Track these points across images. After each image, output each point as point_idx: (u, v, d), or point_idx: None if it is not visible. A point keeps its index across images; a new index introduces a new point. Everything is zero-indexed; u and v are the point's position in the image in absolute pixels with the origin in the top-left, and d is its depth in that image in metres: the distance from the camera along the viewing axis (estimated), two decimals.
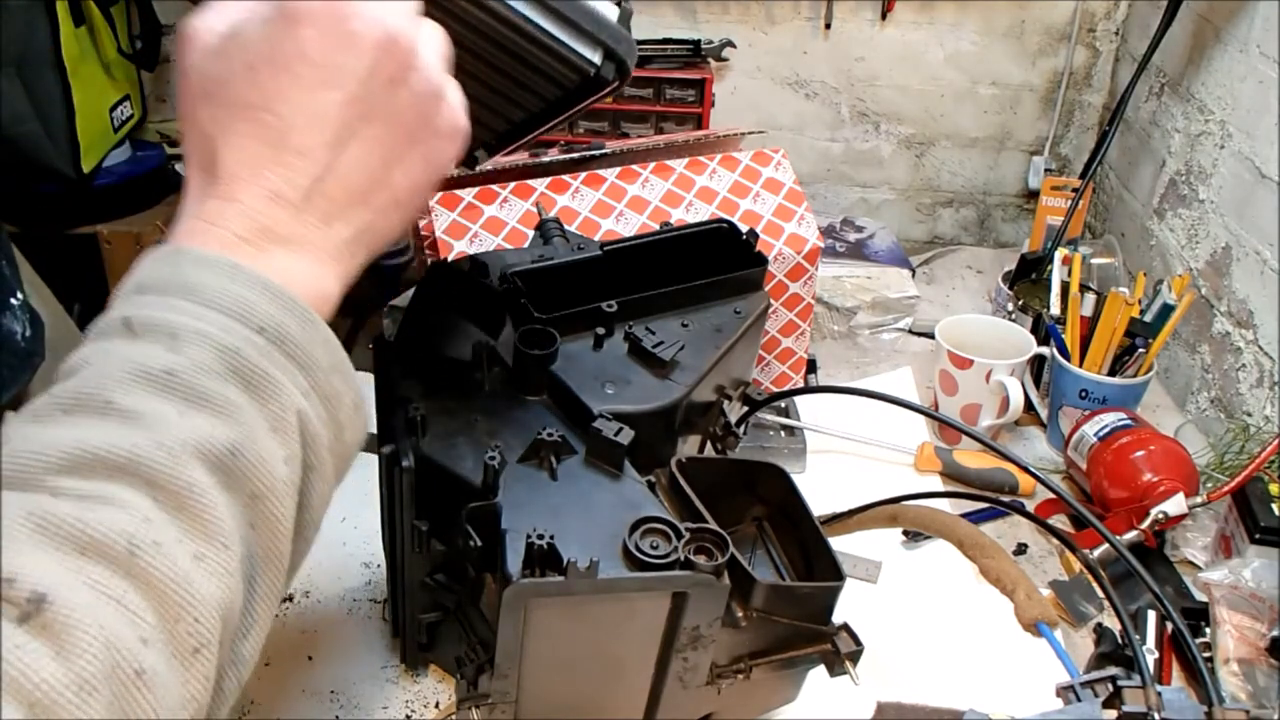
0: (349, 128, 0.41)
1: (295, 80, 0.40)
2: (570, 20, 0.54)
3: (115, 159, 1.55)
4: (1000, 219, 1.76)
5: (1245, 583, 0.85)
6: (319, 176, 0.41)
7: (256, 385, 0.37)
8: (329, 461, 0.41)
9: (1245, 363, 1.16)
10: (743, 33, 1.62)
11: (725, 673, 0.66)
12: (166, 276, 0.38)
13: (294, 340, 0.39)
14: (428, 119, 0.44)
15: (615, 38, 0.55)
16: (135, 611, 0.31)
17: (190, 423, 0.35)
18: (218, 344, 0.37)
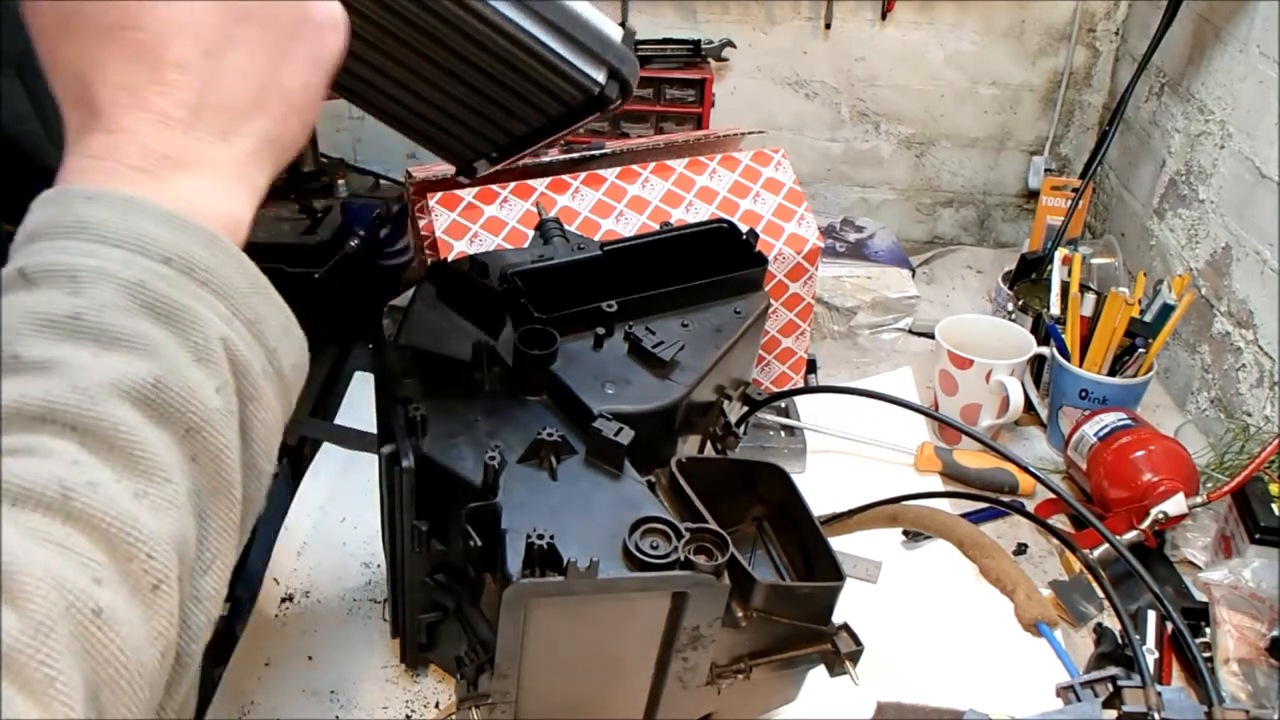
0: (225, 33, 0.40)
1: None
2: (576, 40, 0.54)
3: None
4: (1000, 219, 1.76)
5: (1245, 583, 0.85)
6: (204, 89, 0.39)
7: (171, 317, 0.36)
8: (265, 388, 0.40)
9: (1245, 363, 1.16)
10: (743, 33, 1.62)
11: (725, 673, 0.66)
12: (57, 219, 0.36)
13: (203, 267, 0.37)
14: (305, 13, 0.42)
15: (620, 57, 0.56)
16: (82, 553, 0.31)
17: (105, 362, 0.34)
18: (121, 280, 0.35)
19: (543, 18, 0.53)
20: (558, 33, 0.54)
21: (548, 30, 0.53)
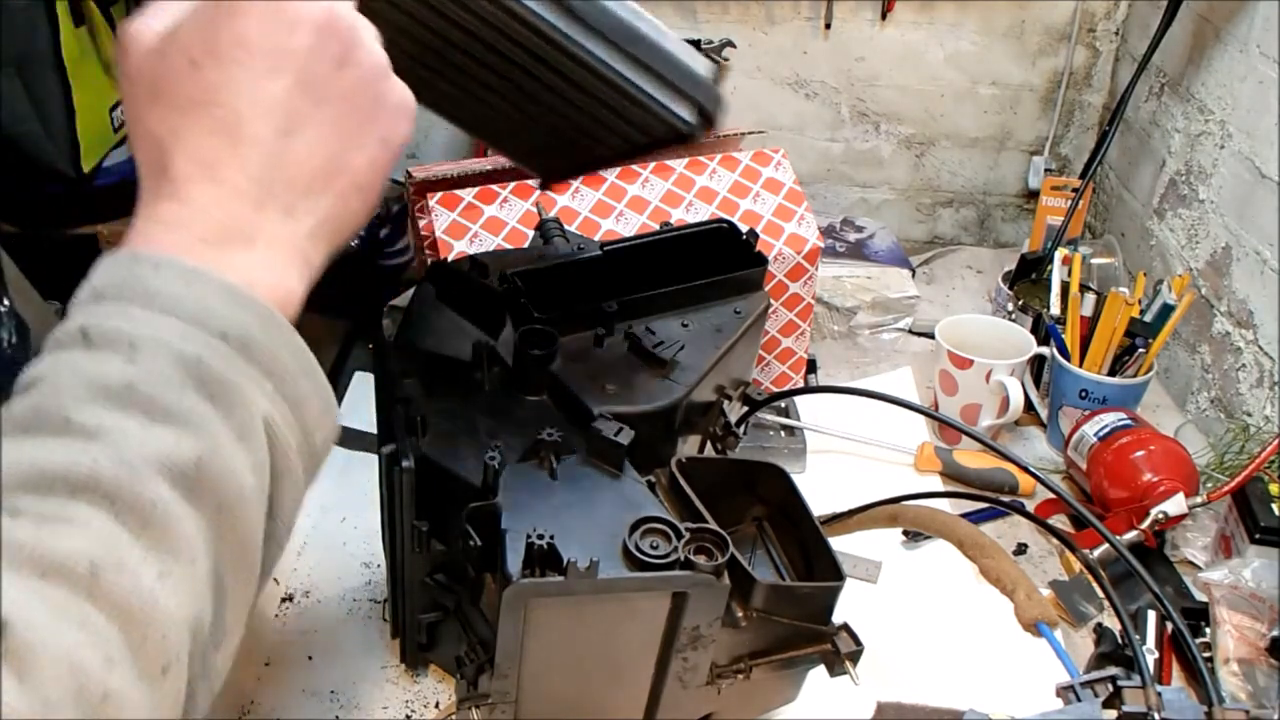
0: (300, 112, 0.41)
1: (239, 70, 0.39)
2: (666, 80, 0.54)
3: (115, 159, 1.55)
4: (1000, 219, 1.76)
5: (1245, 583, 0.85)
6: (275, 166, 0.40)
7: (220, 393, 0.37)
8: (298, 465, 0.41)
9: (1245, 363, 1.16)
10: (743, 33, 1.62)
11: (725, 673, 0.66)
12: (122, 282, 0.37)
13: (258, 344, 0.38)
14: (378, 97, 0.43)
15: (707, 95, 0.56)
16: (100, 633, 0.31)
17: (152, 436, 0.34)
18: (178, 353, 0.36)
19: (635, 59, 0.53)
20: (649, 73, 0.54)
21: (640, 71, 0.53)
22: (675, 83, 0.54)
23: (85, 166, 1.47)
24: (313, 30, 0.40)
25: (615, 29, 0.52)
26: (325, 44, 0.41)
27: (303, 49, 0.40)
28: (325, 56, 0.41)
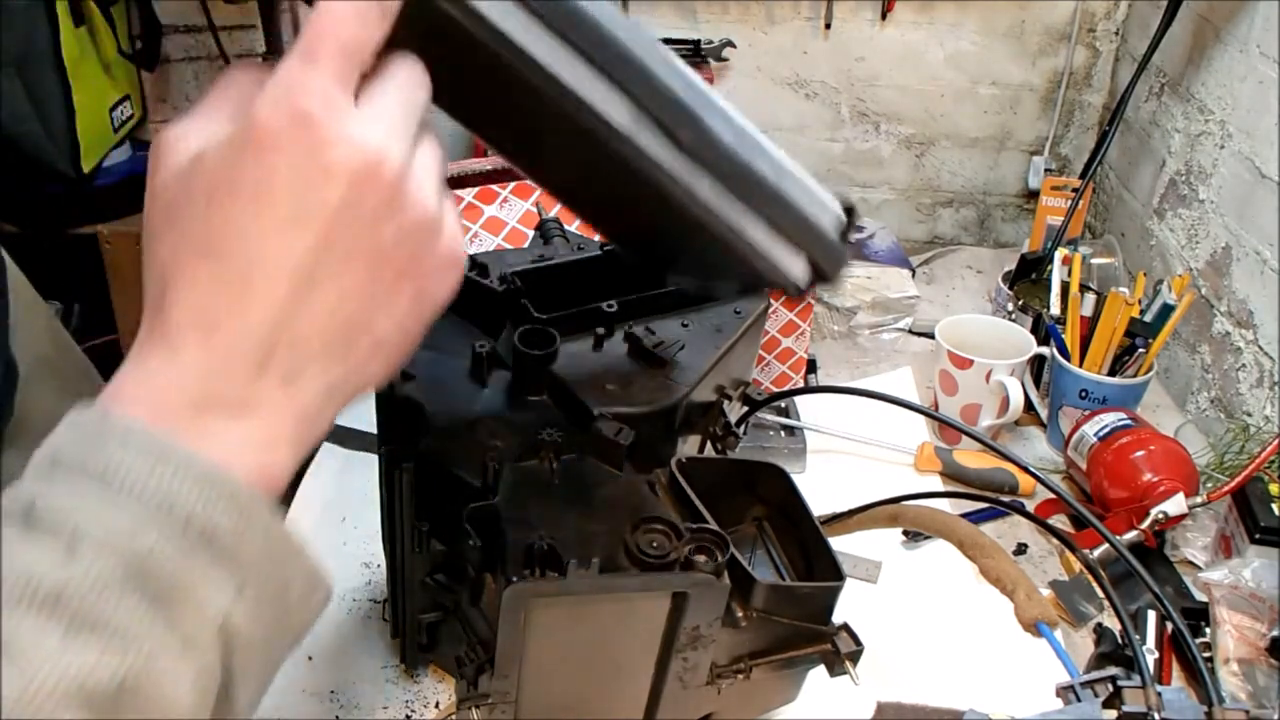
0: (321, 271, 0.35)
1: (257, 216, 0.34)
2: (783, 231, 0.46)
3: (115, 159, 1.56)
4: (1000, 219, 1.76)
5: (1245, 583, 0.85)
6: (283, 327, 0.35)
7: (167, 597, 0.32)
8: (259, 662, 0.36)
9: (1245, 363, 1.16)
10: (743, 33, 1.62)
11: (725, 673, 0.66)
12: (85, 451, 0.33)
13: (224, 535, 0.34)
14: (419, 254, 0.37)
15: (829, 255, 0.48)
16: None
17: (71, 652, 0.30)
18: (125, 550, 0.32)
19: (749, 204, 0.45)
20: (762, 221, 0.45)
21: (751, 218, 0.45)
22: (792, 236, 0.46)
23: (85, 166, 1.47)
24: (350, 180, 0.34)
25: (730, 169, 0.44)
26: (363, 196, 0.35)
27: (335, 201, 0.34)
28: (362, 210, 0.35)
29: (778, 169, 0.45)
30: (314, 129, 0.34)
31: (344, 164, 0.34)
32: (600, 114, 0.40)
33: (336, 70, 0.35)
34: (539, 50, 0.38)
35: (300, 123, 0.34)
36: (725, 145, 0.43)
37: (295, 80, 0.34)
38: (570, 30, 0.38)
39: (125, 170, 1.55)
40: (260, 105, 0.34)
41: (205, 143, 0.35)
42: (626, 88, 0.40)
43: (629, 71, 0.40)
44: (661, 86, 0.41)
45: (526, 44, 0.38)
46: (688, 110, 0.42)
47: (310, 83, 0.34)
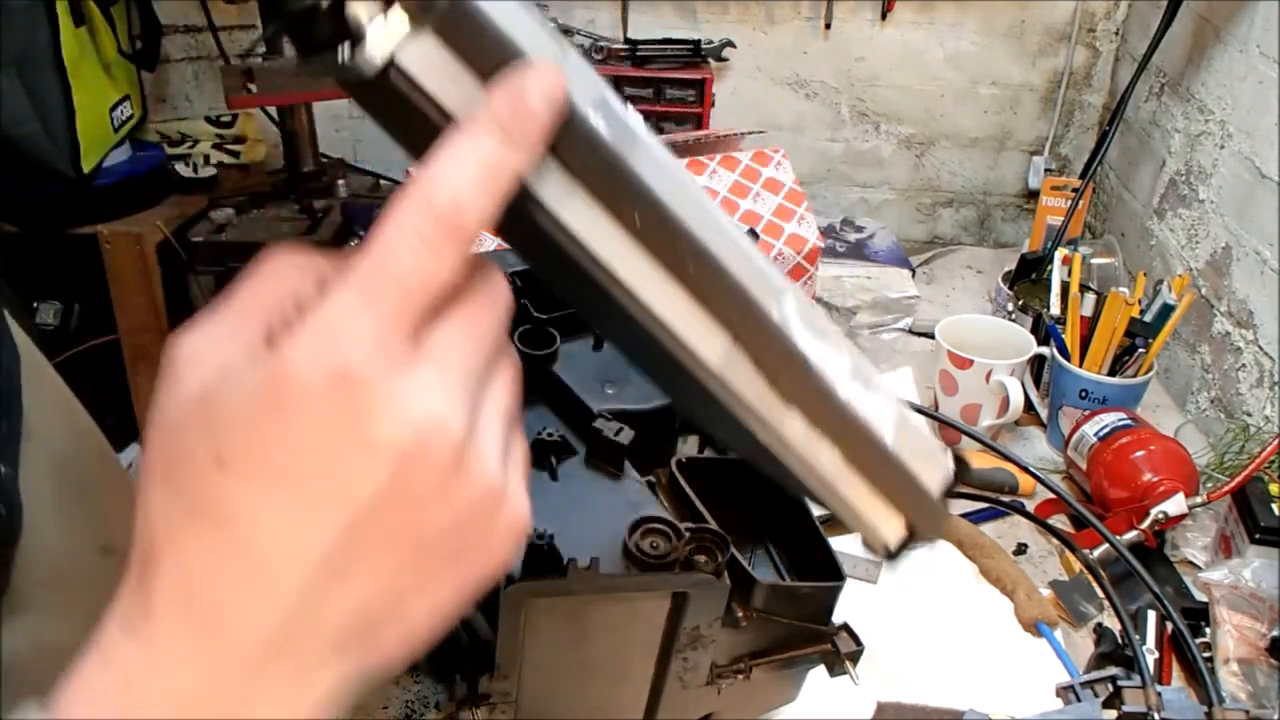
0: (352, 561, 0.28)
1: (277, 492, 0.27)
2: (889, 492, 0.40)
3: (115, 159, 1.55)
4: (1000, 219, 1.76)
5: (1245, 583, 0.85)
6: (296, 623, 0.28)
7: None
8: None
9: (1245, 363, 1.16)
10: (743, 33, 1.62)
11: (725, 673, 0.66)
12: None
13: None
14: (473, 536, 0.30)
15: (929, 518, 0.41)
16: None
17: None
18: None
19: (856, 461, 0.38)
20: (864, 475, 0.39)
21: (853, 473, 0.39)
22: (895, 497, 0.40)
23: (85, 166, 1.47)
24: (398, 460, 0.27)
25: (839, 424, 0.37)
26: (412, 479, 0.27)
27: (376, 484, 0.27)
28: (406, 495, 0.27)
29: (898, 420, 0.38)
30: (358, 392, 0.26)
31: (392, 441, 0.27)
32: (692, 350, 0.34)
33: (396, 314, 0.27)
34: (636, 281, 0.32)
35: (341, 382, 0.26)
36: (836, 396, 0.36)
37: (343, 324, 0.27)
38: (672, 253, 0.32)
39: (125, 170, 1.55)
40: (295, 351, 0.26)
41: (222, 374, 0.27)
42: (728, 323, 0.34)
43: (732, 304, 0.34)
44: (768, 324, 0.34)
45: (623, 274, 0.32)
46: (795, 352, 0.35)
47: (361, 329, 0.26)
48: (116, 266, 1.50)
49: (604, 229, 0.31)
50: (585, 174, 0.30)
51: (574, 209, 0.30)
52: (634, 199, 0.31)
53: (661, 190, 0.31)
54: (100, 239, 1.49)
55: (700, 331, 0.33)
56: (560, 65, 0.29)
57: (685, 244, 0.32)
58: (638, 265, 0.32)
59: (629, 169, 0.31)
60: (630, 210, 0.31)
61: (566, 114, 0.30)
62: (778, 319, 0.34)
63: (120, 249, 1.49)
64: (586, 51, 1.61)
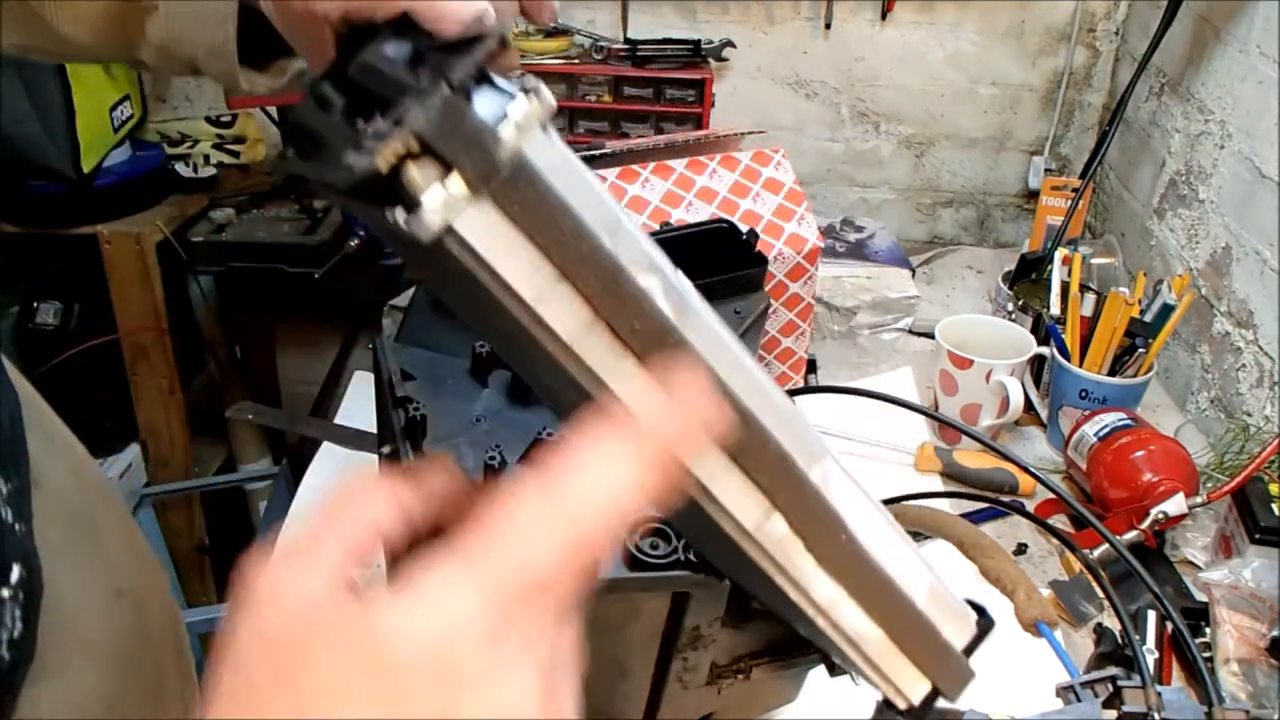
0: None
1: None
2: (914, 654, 0.39)
3: (115, 159, 1.56)
4: (1000, 219, 1.76)
5: (1245, 583, 0.85)
6: None
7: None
8: None
9: (1245, 363, 1.16)
10: (743, 33, 1.62)
11: (725, 673, 0.66)
12: None
13: None
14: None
15: (955, 679, 0.40)
16: None
17: None
18: None
19: (884, 622, 0.37)
20: (887, 633, 0.38)
21: (874, 629, 0.38)
22: (920, 659, 0.39)
23: (85, 166, 1.47)
24: None
25: (867, 585, 0.37)
26: None
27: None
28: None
29: (931, 584, 0.38)
30: (457, 670, 0.27)
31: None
32: (728, 510, 0.33)
33: (507, 603, 0.28)
34: None
35: (443, 658, 0.26)
36: (868, 558, 0.36)
37: (453, 601, 0.27)
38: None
39: (125, 170, 1.55)
40: (399, 616, 0.27)
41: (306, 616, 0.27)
42: (768, 488, 0.33)
43: (773, 468, 0.33)
44: (806, 488, 0.34)
45: None
46: (832, 519, 0.34)
47: (470, 610, 0.27)
48: (116, 266, 1.50)
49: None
50: (636, 341, 0.30)
51: (621, 375, 0.30)
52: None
53: (713, 358, 0.31)
54: (100, 239, 1.49)
55: (740, 494, 0.33)
56: (615, 237, 0.29)
57: (736, 413, 0.31)
58: None
59: (681, 337, 0.30)
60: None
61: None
62: (816, 483, 0.34)
63: (120, 249, 1.49)
64: (586, 51, 1.61)
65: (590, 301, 0.29)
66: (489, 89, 0.28)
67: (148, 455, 1.66)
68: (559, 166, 0.28)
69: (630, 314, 0.29)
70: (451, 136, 0.26)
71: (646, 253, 0.30)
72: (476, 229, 0.27)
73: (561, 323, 0.29)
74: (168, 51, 0.42)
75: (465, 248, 0.27)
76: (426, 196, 0.26)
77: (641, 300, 0.29)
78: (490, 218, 0.27)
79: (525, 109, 0.28)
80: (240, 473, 1.85)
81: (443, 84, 0.27)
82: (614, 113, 1.61)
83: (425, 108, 0.26)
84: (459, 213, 0.27)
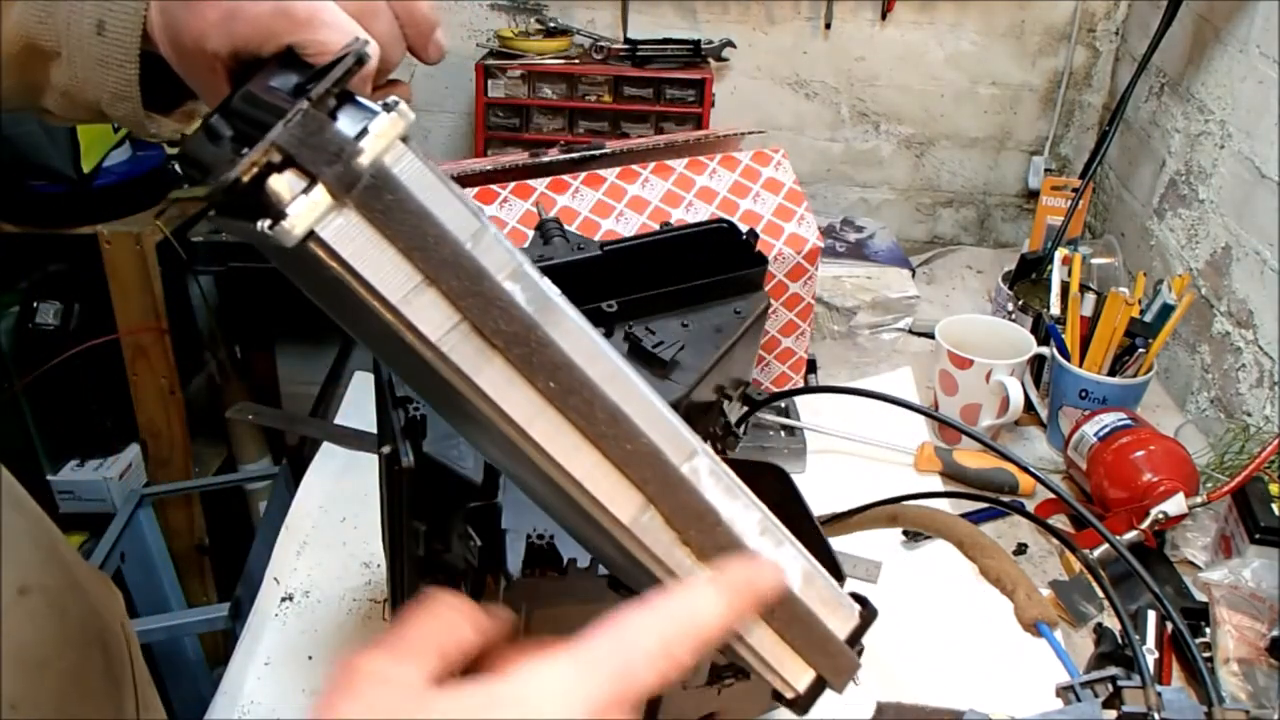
0: None
1: None
2: (798, 645, 0.39)
3: (115, 159, 1.55)
4: (1000, 219, 1.76)
5: (1245, 583, 0.85)
6: None
7: None
8: None
9: (1245, 363, 1.16)
10: (743, 33, 1.62)
11: (725, 673, 0.66)
12: None
13: None
14: None
15: (835, 664, 0.41)
16: None
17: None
18: None
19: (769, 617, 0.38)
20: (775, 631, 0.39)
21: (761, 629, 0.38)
22: (805, 651, 0.40)
23: (85, 166, 1.47)
24: None
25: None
26: None
27: None
28: None
29: (806, 571, 0.39)
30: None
31: None
32: (605, 506, 0.35)
33: (603, 705, 0.31)
34: (550, 442, 0.33)
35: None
36: (746, 549, 0.37)
37: (558, 696, 0.30)
38: (586, 415, 0.33)
39: (125, 171, 1.55)
40: (508, 706, 0.30)
41: (411, 699, 0.30)
42: (641, 481, 0.35)
43: (645, 462, 0.34)
44: (679, 482, 0.35)
45: (538, 436, 0.33)
46: (706, 510, 0.36)
47: (571, 705, 0.30)
48: (116, 266, 1.50)
49: (519, 393, 0.32)
50: (501, 340, 0.32)
51: (490, 375, 0.32)
52: (550, 365, 0.32)
53: (576, 355, 0.33)
54: (100, 239, 1.49)
55: (613, 490, 0.34)
56: (478, 242, 0.31)
57: (599, 406, 0.33)
58: (551, 427, 0.33)
59: (545, 336, 0.32)
60: (545, 376, 0.32)
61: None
62: (687, 476, 0.35)
63: (120, 249, 1.49)
64: (587, 51, 1.61)
65: (455, 304, 0.31)
66: (353, 107, 0.31)
67: (147, 455, 1.66)
68: (420, 176, 0.30)
69: (495, 315, 0.31)
70: (312, 148, 0.29)
71: (510, 257, 0.32)
72: (341, 235, 0.29)
73: (428, 325, 0.31)
74: (71, 97, 0.43)
75: (331, 253, 0.29)
76: (290, 206, 0.28)
77: (505, 302, 0.31)
78: (354, 225, 0.29)
79: (385, 123, 0.30)
80: (240, 473, 1.85)
81: (303, 101, 0.29)
82: (614, 113, 1.61)
83: (286, 122, 0.29)
84: (322, 220, 0.29)
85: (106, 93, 0.42)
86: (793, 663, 0.40)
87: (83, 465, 1.64)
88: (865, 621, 0.42)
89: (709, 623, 0.32)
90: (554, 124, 1.63)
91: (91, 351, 1.54)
